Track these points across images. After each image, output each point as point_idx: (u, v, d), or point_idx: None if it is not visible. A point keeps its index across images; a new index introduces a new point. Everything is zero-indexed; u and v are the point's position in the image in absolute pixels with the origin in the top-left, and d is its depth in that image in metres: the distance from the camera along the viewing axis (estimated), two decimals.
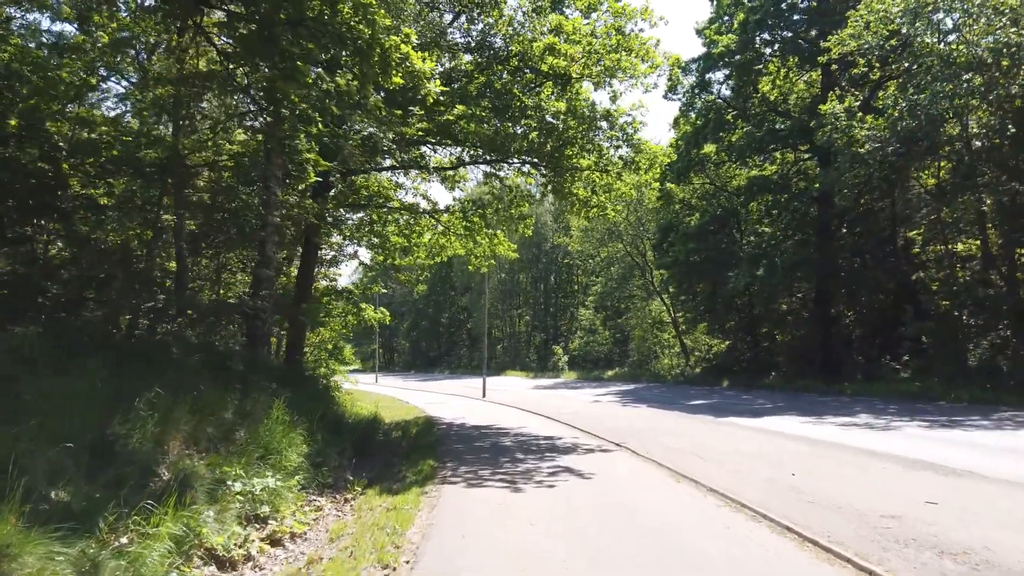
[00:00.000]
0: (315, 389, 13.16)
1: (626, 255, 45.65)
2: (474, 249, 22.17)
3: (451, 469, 10.79)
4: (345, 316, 25.87)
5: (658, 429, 16.23)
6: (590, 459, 11.95)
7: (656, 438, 14.61)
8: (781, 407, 21.70)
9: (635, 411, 21.57)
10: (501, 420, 19.34)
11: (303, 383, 13.03)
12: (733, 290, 30.19)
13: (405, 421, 19.77)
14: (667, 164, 31.91)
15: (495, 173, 20.67)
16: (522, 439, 14.87)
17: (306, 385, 13.19)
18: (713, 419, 18.30)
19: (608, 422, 18.00)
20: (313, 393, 12.40)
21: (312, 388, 13.03)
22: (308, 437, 9.90)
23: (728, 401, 24.37)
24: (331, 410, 13.21)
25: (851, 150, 23.35)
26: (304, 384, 13.08)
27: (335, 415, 12.92)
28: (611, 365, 49.60)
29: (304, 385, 12.91)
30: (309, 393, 12.22)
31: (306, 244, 17.68)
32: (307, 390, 12.42)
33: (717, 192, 36.38)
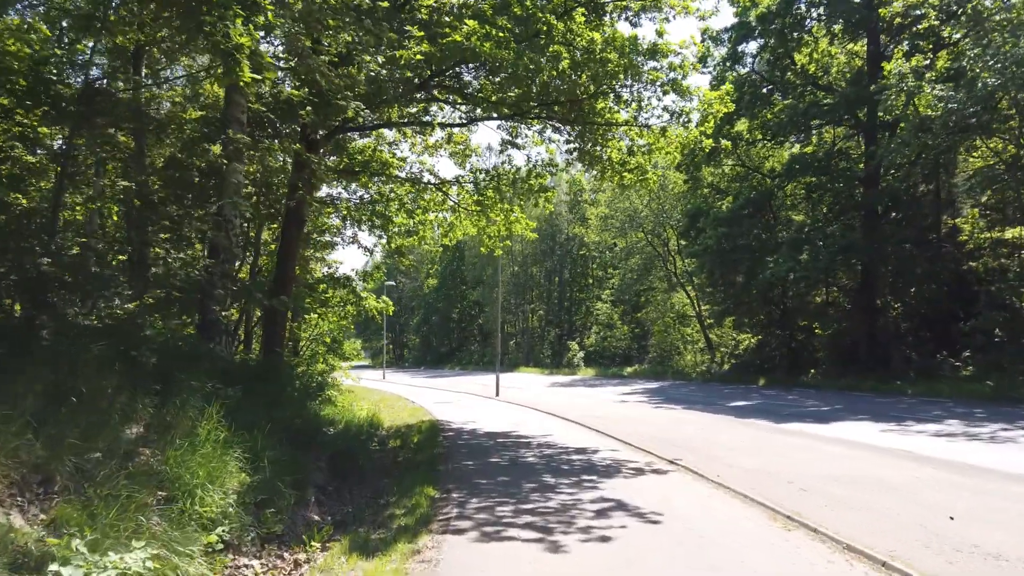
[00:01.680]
0: (284, 390, 10.04)
1: (647, 245, 42.31)
2: (487, 228, 19.03)
3: (457, 503, 7.66)
4: (344, 306, 22.88)
5: (712, 439, 13.07)
6: (643, 485, 8.81)
7: (715, 452, 11.46)
8: (840, 410, 18.52)
9: (671, 414, 18.39)
10: (519, 425, 16.22)
11: (270, 382, 9.93)
12: (772, 278, 26.87)
13: (407, 426, 16.69)
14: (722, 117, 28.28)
15: (512, 141, 17.55)
16: (548, 452, 11.73)
17: (275, 385, 10.09)
18: (772, 425, 15.14)
19: (645, 428, 14.85)
20: (277, 396, 9.30)
21: (280, 389, 9.92)
22: (253, 460, 6.80)
23: (774, 402, 21.14)
24: (305, 417, 10.13)
25: (919, 115, 19.99)
26: (272, 383, 9.98)
27: (308, 424, 9.81)
28: (630, 361, 46.35)
29: (271, 385, 9.81)
30: (271, 396, 9.13)
31: (289, 217, 14.61)
32: (270, 392, 9.33)
33: (749, 174, 33.03)
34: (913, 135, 20.73)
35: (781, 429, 14.51)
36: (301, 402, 10.77)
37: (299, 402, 10.40)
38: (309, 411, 11.20)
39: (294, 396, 10.42)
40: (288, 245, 14.58)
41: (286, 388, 10.20)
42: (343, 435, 11.42)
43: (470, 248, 62.10)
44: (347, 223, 23.16)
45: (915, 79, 19.89)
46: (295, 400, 10.16)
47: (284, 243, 14.68)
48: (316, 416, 11.98)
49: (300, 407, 10.16)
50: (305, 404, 11.14)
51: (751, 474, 9.45)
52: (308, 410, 11.13)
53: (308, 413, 10.65)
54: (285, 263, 14.53)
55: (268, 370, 10.01)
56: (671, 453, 11.45)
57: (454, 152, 19.13)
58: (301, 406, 10.34)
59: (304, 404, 10.96)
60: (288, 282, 14.52)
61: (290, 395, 10.08)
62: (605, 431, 14.54)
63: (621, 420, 16.85)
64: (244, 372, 9.15)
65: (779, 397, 23.15)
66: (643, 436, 13.71)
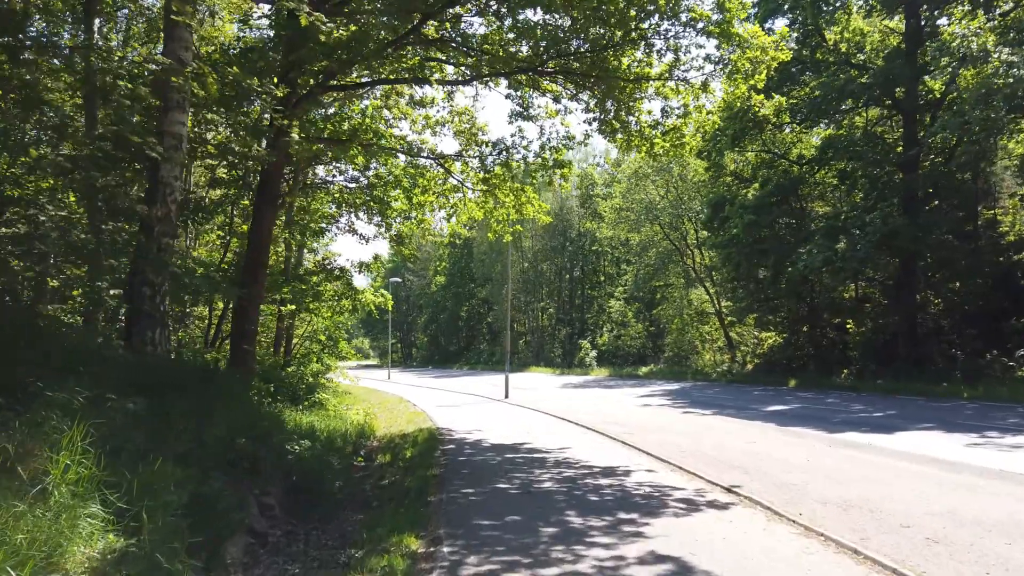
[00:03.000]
0: (226, 398, 7.64)
1: (664, 239, 39.74)
2: (494, 211, 16.64)
3: (447, 567, 5.27)
4: (338, 300, 20.58)
5: (764, 455, 10.63)
6: (704, 530, 6.38)
7: (777, 473, 9.05)
8: (896, 416, 16.05)
9: (703, 421, 15.94)
10: (532, 434, 13.81)
11: (210, 388, 7.56)
12: (805, 269, 24.31)
13: (402, 435, 14.33)
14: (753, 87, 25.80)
15: (523, 112, 15.19)
16: (569, 474, 9.32)
17: (217, 391, 7.72)
18: (827, 436, 12.69)
19: (679, 440, 12.42)
20: (215, 407, 6.92)
21: (220, 397, 7.53)
22: (138, 509, 4.43)
23: (814, 407, 18.65)
24: (260, 432, 7.76)
25: (982, 85, 17.36)
26: (212, 389, 7.61)
27: (262, 442, 7.44)
28: (644, 361, 43.80)
29: (210, 391, 7.43)
30: (204, 408, 6.76)
31: (261, 192, 12.29)
32: (204, 401, 6.96)
33: (775, 160, 30.43)
34: (975, 109, 18.07)
35: (840, 441, 12.05)
36: (255, 412, 8.40)
37: (251, 413, 8.03)
38: (268, 423, 8.84)
39: (246, 405, 8.04)
40: (260, 226, 12.24)
41: (231, 396, 7.82)
42: (315, 453, 9.05)
43: (479, 244, 59.75)
44: (343, 210, 20.95)
45: (978, 41, 17.27)
46: (246, 410, 7.78)
47: (256, 223, 12.35)
48: (282, 428, 9.63)
49: (252, 419, 7.79)
50: (261, 415, 8.77)
51: (844, 511, 7.02)
52: (266, 422, 8.77)
53: (265, 427, 8.29)
54: (256, 247, 12.20)
55: (205, 373, 7.65)
56: (722, 474, 9.03)
57: (459, 131, 16.75)
58: (254, 418, 7.97)
59: (259, 415, 8.59)
60: (259, 268, 12.20)
61: (237, 404, 7.71)
62: (632, 443, 12.13)
63: (647, 428, 14.44)
64: (163, 376, 6.83)
65: (817, 400, 20.65)
66: (679, 450, 11.30)
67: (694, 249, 39.03)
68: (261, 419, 8.55)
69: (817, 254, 23.82)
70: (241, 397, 8.17)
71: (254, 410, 8.70)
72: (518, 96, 15.19)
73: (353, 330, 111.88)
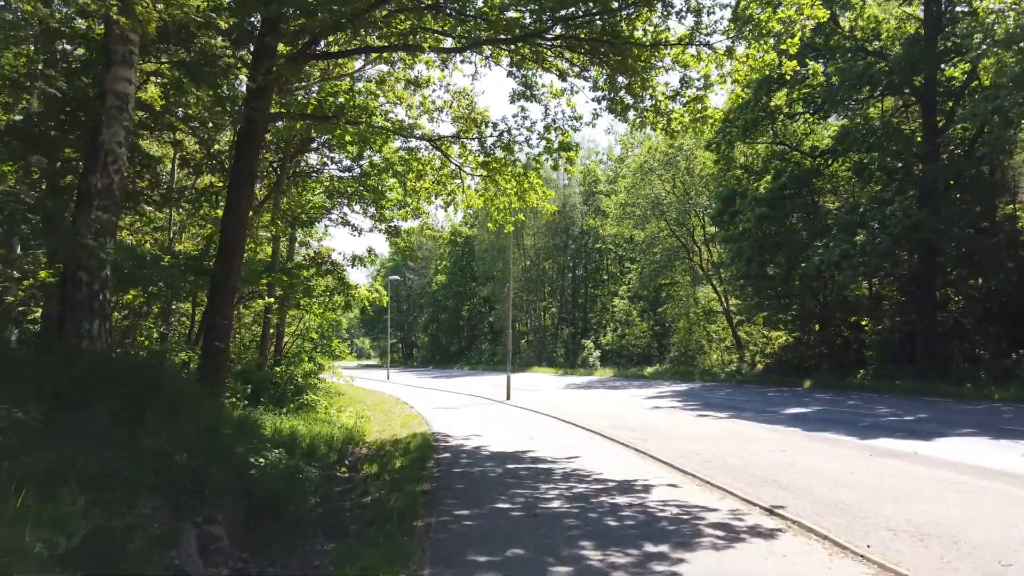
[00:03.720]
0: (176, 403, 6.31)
1: (670, 235, 38.35)
2: (495, 199, 15.33)
3: None
4: (330, 295, 19.30)
5: (799, 466, 9.32)
6: (758, 572, 5.07)
7: (820, 489, 7.74)
8: (928, 420, 14.78)
9: (721, 426, 14.62)
10: (535, 440, 12.49)
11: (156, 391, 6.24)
12: (822, 264, 22.97)
13: (393, 441, 13.01)
14: None
15: (525, 93, 13.89)
16: (580, 490, 7.99)
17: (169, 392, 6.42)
18: (859, 443, 11.45)
19: (699, 447, 11.10)
20: (143, 412, 5.61)
21: (169, 402, 6.22)
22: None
23: (837, 410, 17.33)
24: (216, 444, 6.44)
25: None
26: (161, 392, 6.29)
27: (215, 455, 6.12)
28: (649, 361, 42.42)
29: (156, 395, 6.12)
30: (136, 412, 5.46)
31: (236, 171, 10.98)
32: (146, 407, 5.66)
33: (786, 152, 29.08)
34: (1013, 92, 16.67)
35: (879, 449, 10.73)
36: (215, 419, 7.08)
37: (210, 419, 6.72)
38: (233, 432, 7.53)
39: (200, 411, 6.73)
40: (234, 207, 10.92)
41: (181, 399, 6.51)
42: (287, 466, 7.73)
43: (480, 242, 58.44)
44: (335, 200, 19.68)
45: (1015, 17, 15.91)
46: (199, 417, 6.47)
47: (230, 205, 11.02)
48: (252, 436, 8.33)
49: (207, 428, 6.48)
50: (223, 421, 7.45)
51: (920, 542, 5.70)
52: (230, 431, 7.46)
53: (226, 436, 6.98)
54: (230, 232, 10.89)
55: (148, 373, 6.33)
56: (757, 491, 7.72)
57: (458, 116, 15.44)
58: (210, 426, 6.66)
59: (220, 421, 7.27)
60: (234, 257, 10.88)
61: (189, 410, 6.40)
62: (647, 451, 10.80)
63: (662, 434, 13.12)
64: (95, 376, 5.54)
65: (837, 402, 19.32)
66: (701, 460, 9.98)
67: (701, 246, 37.67)
68: (221, 427, 7.23)
69: (834, 248, 22.48)
70: (194, 401, 6.86)
71: (215, 416, 7.39)
72: (520, 75, 13.92)
73: (353, 330, 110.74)
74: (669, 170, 36.67)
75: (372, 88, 15.50)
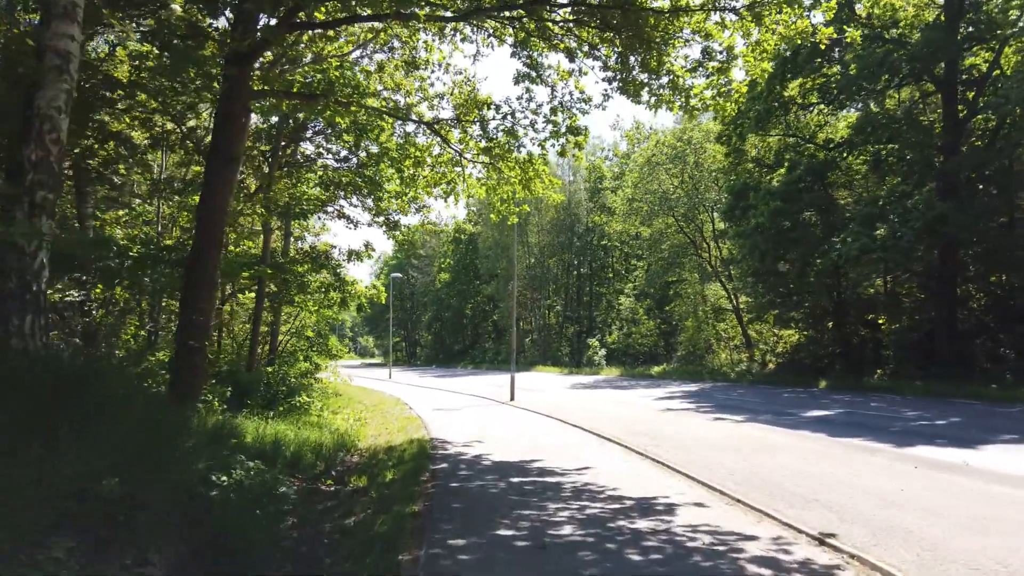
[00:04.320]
0: (104, 411, 5.23)
1: (678, 231, 37.18)
2: (499, 188, 14.26)
3: None
4: (326, 291, 18.26)
5: (839, 479, 8.22)
6: None
7: (881, 513, 6.63)
8: (963, 424, 13.75)
9: (742, 431, 13.51)
10: (542, 447, 11.41)
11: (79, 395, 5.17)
12: (840, 259, 21.83)
13: (387, 448, 11.93)
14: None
15: (530, 74, 12.84)
16: (595, 511, 6.91)
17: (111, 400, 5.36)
18: (897, 451, 10.36)
19: (726, 459, 9.99)
20: (62, 427, 4.55)
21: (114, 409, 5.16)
22: None
23: (861, 413, 16.22)
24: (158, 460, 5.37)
25: None
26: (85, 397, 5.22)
27: (126, 487, 5.02)
28: (656, 360, 41.30)
29: (79, 401, 5.06)
30: (58, 427, 4.41)
31: (214, 152, 9.91)
32: (68, 417, 4.60)
33: (799, 145, 27.89)
34: None
35: (919, 458, 9.63)
36: (170, 431, 6.01)
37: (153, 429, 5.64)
38: (194, 445, 6.47)
39: (149, 422, 5.66)
40: (212, 191, 9.86)
41: (126, 408, 5.43)
42: (257, 483, 6.67)
43: (484, 240, 57.35)
44: (331, 192, 18.63)
45: None
46: (142, 429, 5.40)
47: (207, 191, 9.96)
48: (220, 448, 7.27)
49: (154, 440, 5.42)
50: (180, 432, 6.38)
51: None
52: (191, 443, 6.40)
53: (182, 452, 5.92)
54: (208, 219, 9.83)
55: (80, 378, 5.25)
56: (800, 512, 6.63)
57: (459, 104, 14.35)
58: (159, 437, 5.58)
59: (176, 433, 6.20)
60: (212, 247, 9.83)
61: (132, 421, 5.33)
62: (666, 461, 9.72)
63: (677, 440, 12.03)
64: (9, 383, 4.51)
65: (859, 404, 18.18)
66: (727, 472, 8.90)
67: (710, 242, 36.51)
68: (181, 437, 6.17)
69: (853, 243, 21.32)
70: (142, 407, 5.80)
71: (176, 425, 6.33)
72: (525, 56, 12.87)
73: (357, 328, 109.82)
74: (677, 164, 35.51)
75: (367, 68, 14.48)
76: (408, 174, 13.98)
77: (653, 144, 37.09)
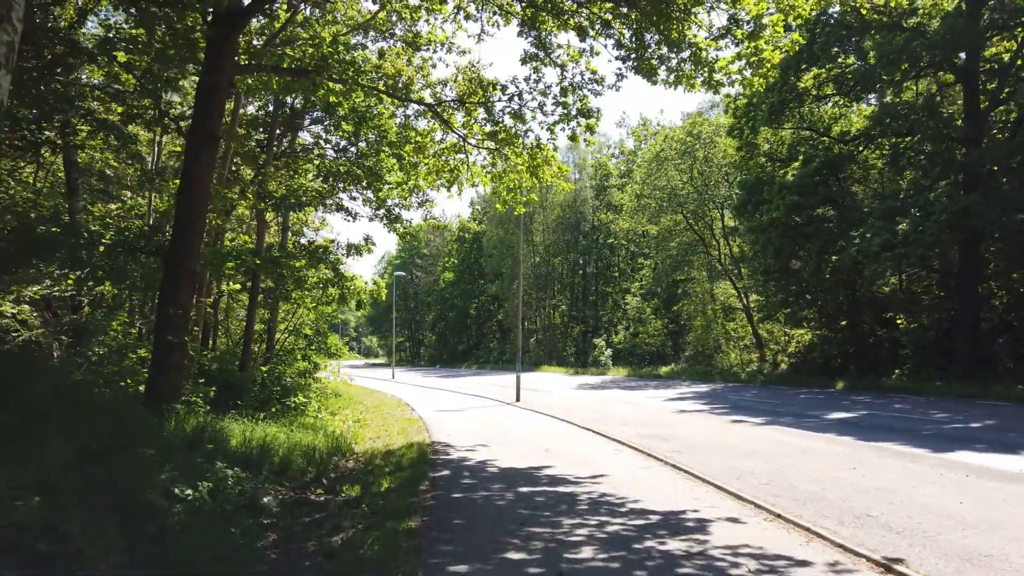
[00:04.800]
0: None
1: (687, 228, 36.19)
2: (504, 176, 13.38)
3: None
4: (324, 287, 17.40)
5: (891, 492, 7.30)
6: None
7: (949, 535, 5.72)
8: (999, 428, 12.96)
9: (764, 434, 12.59)
10: (552, 453, 10.51)
11: None
12: (859, 254, 20.86)
13: (385, 452, 11.05)
14: None
15: (538, 54, 12.00)
16: (616, 531, 6.01)
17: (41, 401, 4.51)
18: (937, 457, 9.46)
19: (756, 466, 9.07)
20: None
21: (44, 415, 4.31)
22: None
23: (885, 415, 15.30)
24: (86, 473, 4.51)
25: None
26: None
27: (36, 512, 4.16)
28: (664, 360, 40.35)
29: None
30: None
31: (195, 132, 9.05)
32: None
33: (813, 139, 26.91)
34: None
35: (966, 465, 8.73)
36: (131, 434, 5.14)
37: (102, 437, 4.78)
38: (157, 452, 5.60)
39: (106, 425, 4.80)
40: (193, 174, 9.01)
41: (63, 413, 4.57)
42: (239, 495, 5.79)
43: (489, 238, 56.46)
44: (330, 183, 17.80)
45: None
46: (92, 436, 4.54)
47: (187, 174, 9.11)
48: (193, 454, 6.41)
49: (99, 450, 4.55)
50: (144, 436, 5.51)
51: None
52: (151, 451, 5.53)
53: (145, 462, 5.06)
54: (188, 204, 8.97)
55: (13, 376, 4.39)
56: (854, 532, 5.73)
57: (463, 90, 13.48)
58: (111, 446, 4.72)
59: (140, 437, 5.34)
60: (192, 234, 8.97)
61: (70, 427, 4.47)
62: (689, 468, 8.82)
63: (697, 444, 11.13)
64: None
65: (881, 406, 17.24)
66: (760, 481, 7.99)
67: (720, 239, 35.55)
68: (142, 444, 5.31)
69: (873, 238, 20.36)
70: (90, 414, 4.94)
71: (139, 431, 5.47)
72: (533, 35, 12.02)
73: (361, 328, 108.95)
74: (686, 160, 34.55)
75: (368, 55, 13.64)
76: (408, 161, 13.09)
77: (662, 139, 36.14)
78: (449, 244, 68.75)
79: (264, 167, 15.47)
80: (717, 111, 37.92)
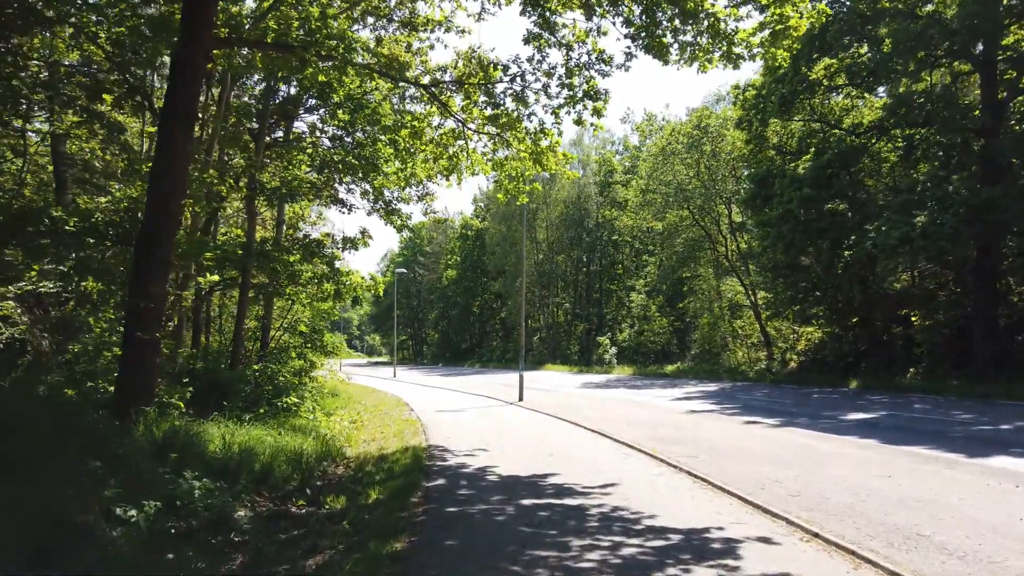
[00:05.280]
0: None
1: (693, 224, 35.33)
2: (506, 164, 12.59)
3: None
4: (320, 283, 16.65)
5: (935, 503, 6.50)
6: None
7: (1018, 560, 4.89)
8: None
9: (782, 437, 11.78)
10: (557, 459, 9.72)
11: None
12: (875, 248, 20.02)
13: (378, 457, 10.27)
14: None
15: (542, 34, 11.21)
16: (632, 553, 5.21)
17: None
18: (977, 464, 8.71)
19: (780, 475, 8.24)
20: None
21: None
22: None
23: (906, 416, 14.49)
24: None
25: None
26: None
27: None
28: (669, 358, 39.51)
29: None
30: None
31: (169, 111, 8.28)
32: None
33: (823, 131, 26.03)
34: None
35: (1013, 474, 7.90)
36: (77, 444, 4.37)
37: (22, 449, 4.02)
38: (105, 464, 4.84)
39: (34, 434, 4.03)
40: (168, 159, 8.24)
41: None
42: (194, 508, 5.00)
43: (491, 235, 55.67)
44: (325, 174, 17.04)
45: None
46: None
47: (161, 157, 8.34)
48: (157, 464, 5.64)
49: (16, 463, 3.79)
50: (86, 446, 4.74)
51: None
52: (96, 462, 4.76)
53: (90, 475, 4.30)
54: (161, 189, 8.20)
55: None
56: (908, 557, 4.92)
57: (463, 76, 12.68)
58: (19, 461, 3.95)
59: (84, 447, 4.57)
60: (166, 221, 8.20)
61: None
62: (707, 476, 8.01)
63: (713, 448, 10.33)
64: None
65: (901, 407, 16.39)
66: (788, 493, 7.19)
67: (727, 235, 34.69)
68: (81, 455, 4.53)
69: (890, 231, 19.49)
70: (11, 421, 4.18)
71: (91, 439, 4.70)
72: (537, 13, 11.22)
73: (364, 327, 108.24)
74: (693, 153, 33.68)
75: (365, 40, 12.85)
76: (404, 147, 12.30)
77: (668, 133, 35.29)
78: (452, 241, 67.98)
79: (255, 156, 14.71)
80: (723, 105, 37.08)
